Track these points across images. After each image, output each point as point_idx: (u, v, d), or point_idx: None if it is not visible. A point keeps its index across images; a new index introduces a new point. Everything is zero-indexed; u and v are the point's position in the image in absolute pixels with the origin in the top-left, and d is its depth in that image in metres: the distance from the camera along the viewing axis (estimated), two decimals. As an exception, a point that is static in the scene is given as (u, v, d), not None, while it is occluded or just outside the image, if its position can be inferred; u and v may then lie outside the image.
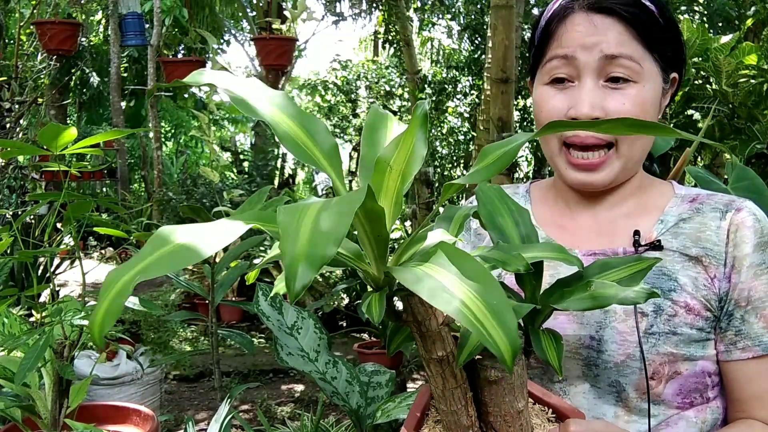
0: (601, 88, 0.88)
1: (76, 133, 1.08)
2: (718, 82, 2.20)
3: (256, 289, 1.78)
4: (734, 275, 0.88)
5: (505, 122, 3.40)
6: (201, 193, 5.87)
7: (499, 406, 0.71)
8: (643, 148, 0.92)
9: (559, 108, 0.90)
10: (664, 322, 0.87)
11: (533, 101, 0.96)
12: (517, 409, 0.71)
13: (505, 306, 0.47)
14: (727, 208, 0.91)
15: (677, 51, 0.94)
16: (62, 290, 3.91)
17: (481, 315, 0.46)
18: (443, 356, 0.67)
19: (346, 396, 1.64)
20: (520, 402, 0.71)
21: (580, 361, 0.90)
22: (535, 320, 0.73)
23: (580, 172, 0.90)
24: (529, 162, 9.12)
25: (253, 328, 5.12)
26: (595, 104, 0.87)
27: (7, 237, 1.17)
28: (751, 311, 0.88)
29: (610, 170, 0.90)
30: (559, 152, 0.91)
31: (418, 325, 0.65)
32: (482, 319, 0.46)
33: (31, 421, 1.26)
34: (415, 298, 0.63)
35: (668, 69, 0.93)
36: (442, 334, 0.66)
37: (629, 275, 0.71)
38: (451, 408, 0.70)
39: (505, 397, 0.71)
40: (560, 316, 0.92)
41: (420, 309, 0.64)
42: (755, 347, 0.88)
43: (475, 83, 7.54)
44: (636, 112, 0.87)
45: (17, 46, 3.91)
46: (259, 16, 6.98)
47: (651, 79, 0.89)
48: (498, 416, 0.72)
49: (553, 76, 0.90)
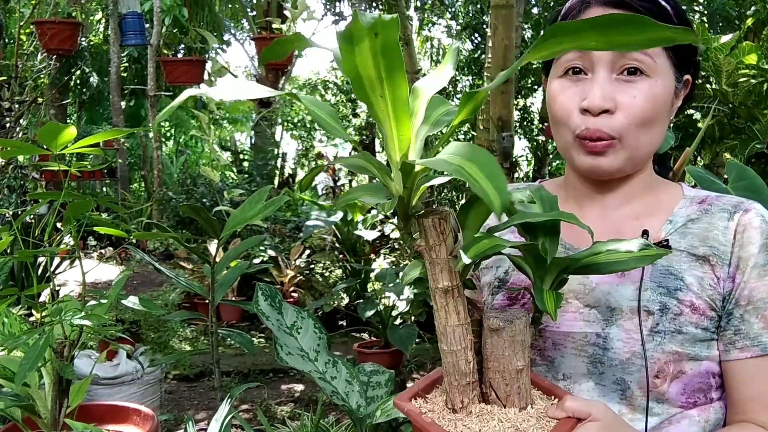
0: (614, 81, 0.89)
1: (75, 132, 1.08)
2: (718, 81, 2.20)
3: (256, 289, 1.78)
4: (738, 275, 0.89)
5: (505, 122, 3.40)
6: (201, 193, 5.88)
7: (499, 360, 0.74)
8: (650, 142, 0.92)
9: (572, 99, 0.91)
10: (670, 320, 0.88)
11: (547, 94, 0.96)
12: (516, 368, 0.74)
13: (497, 170, 0.57)
14: (735, 209, 0.92)
15: (691, 52, 0.94)
16: (62, 290, 3.91)
17: (476, 174, 0.57)
18: (448, 287, 0.72)
19: (345, 395, 1.64)
20: (519, 360, 0.74)
21: (585, 359, 0.91)
22: (544, 280, 0.75)
23: (589, 156, 0.91)
24: (529, 161, 9.14)
25: (253, 327, 5.12)
26: (607, 96, 0.87)
27: (7, 236, 1.17)
28: (751, 311, 0.88)
29: (615, 157, 0.90)
30: (574, 142, 0.92)
31: (429, 250, 0.72)
32: (476, 176, 0.57)
33: (31, 421, 1.26)
34: (428, 220, 0.71)
35: (681, 69, 0.93)
36: (450, 265, 0.71)
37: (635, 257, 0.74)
38: (450, 347, 0.73)
39: (505, 350, 0.74)
40: (567, 313, 0.93)
41: (432, 233, 0.71)
42: (754, 347, 0.88)
43: (475, 83, 7.55)
44: (647, 106, 0.88)
45: (17, 46, 3.91)
46: (259, 15, 6.98)
47: (663, 75, 0.90)
48: (497, 372, 0.74)
49: (568, 67, 0.91)
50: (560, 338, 0.93)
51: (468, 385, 0.74)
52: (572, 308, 0.93)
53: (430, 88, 0.73)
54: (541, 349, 0.94)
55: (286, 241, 5.32)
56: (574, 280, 0.93)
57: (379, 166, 0.71)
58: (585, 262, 0.75)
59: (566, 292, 0.94)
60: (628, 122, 0.88)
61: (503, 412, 0.74)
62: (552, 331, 0.93)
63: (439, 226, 0.71)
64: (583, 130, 0.89)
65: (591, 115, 0.88)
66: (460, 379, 0.74)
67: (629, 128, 0.88)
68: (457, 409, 0.74)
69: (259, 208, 1.98)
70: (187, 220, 5.54)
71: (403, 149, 0.69)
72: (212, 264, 2.17)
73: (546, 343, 0.94)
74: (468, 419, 0.73)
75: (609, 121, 0.88)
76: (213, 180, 3.32)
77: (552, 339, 0.93)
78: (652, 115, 0.89)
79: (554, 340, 0.93)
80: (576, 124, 0.90)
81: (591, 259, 0.75)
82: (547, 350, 0.94)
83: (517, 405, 0.75)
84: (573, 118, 0.90)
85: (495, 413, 0.73)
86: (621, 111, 0.88)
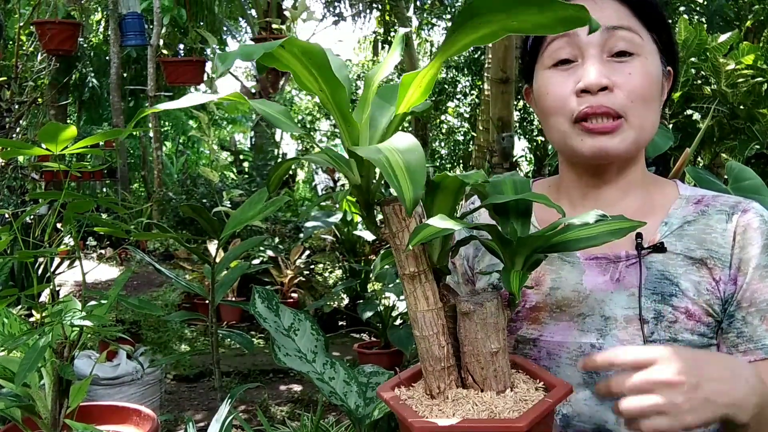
0: (606, 62, 0.87)
1: (76, 132, 1.08)
2: (717, 82, 2.20)
3: (253, 292, 1.78)
4: (740, 277, 0.87)
5: (505, 122, 3.40)
6: (201, 193, 5.88)
7: (473, 343, 0.73)
8: (651, 122, 0.90)
9: (566, 86, 0.88)
10: (665, 329, 0.86)
11: (536, 89, 0.93)
12: (490, 350, 0.73)
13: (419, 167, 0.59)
14: (733, 210, 0.90)
15: (670, 43, 0.93)
16: (62, 290, 3.91)
17: (397, 168, 0.59)
18: (414, 272, 0.72)
19: (343, 396, 1.65)
20: (493, 343, 0.73)
21: (580, 369, 0.90)
22: (515, 262, 0.75)
23: (597, 137, 0.87)
24: (529, 161, 9.13)
25: (253, 328, 5.12)
26: (603, 73, 0.85)
27: (7, 236, 1.17)
28: (754, 313, 0.86)
29: (624, 138, 0.87)
30: (572, 128, 0.89)
31: (393, 237, 0.72)
32: (397, 170, 0.59)
33: (31, 421, 1.26)
34: (389, 207, 0.72)
35: (665, 56, 0.92)
36: (415, 251, 0.72)
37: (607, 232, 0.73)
38: (422, 333, 0.73)
39: (477, 333, 0.73)
40: (561, 322, 0.91)
41: (394, 220, 0.72)
42: (758, 350, 0.86)
43: (475, 83, 7.55)
44: (643, 82, 0.86)
45: (17, 46, 3.90)
46: (259, 16, 6.98)
47: (652, 54, 0.89)
48: (472, 356, 0.74)
49: (557, 58, 0.89)
50: (555, 348, 0.91)
51: (443, 370, 0.74)
52: (566, 317, 0.91)
53: (379, 77, 0.74)
54: (536, 358, 0.92)
55: (286, 241, 5.32)
56: (568, 287, 0.91)
57: (339, 159, 0.72)
58: (555, 241, 0.74)
59: (560, 300, 0.92)
60: (629, 99, 0.86)
61: (479, 396, 0.73)
62: (547, 341, 0.92)
63: (400, 213, 0.72)
64: (585, 108, 0.86)
65: (590, 95, 0.86)
66: (434, 364, 0.74)
67: (632, 106, 0.86)
68: (434, 395, 0.74)
69: (259, 208, 1.98)
70: (187, 220, 5.55)
71: (353, 139, 0.70)
72: (212, 264, 2.17)
73: (541, 353, 0.92)
74: (444, 404, 0.72)
75: (610, 98, 0.85)
76: (213, 180, 3.32)
77: (547, 349, 0.92)
78: (649, 92, 0.87)
79: (549, 350, 0.91)
80: (573, 107, 0.87)
81: (561, 237, 0.73)
82: (542, 360, 0.92)
83: (494, 388, 0.74)
84: (570, 103, 0.87)
85: (471, 397, 0.73)
86: (619, 88, 0.86)
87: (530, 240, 0.74)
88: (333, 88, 0.66)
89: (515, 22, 0.58)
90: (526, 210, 0.76)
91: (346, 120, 0.69)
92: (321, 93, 0.68)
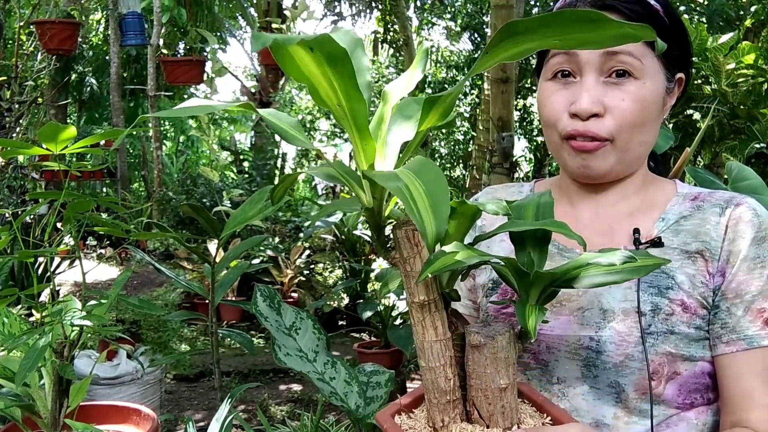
0: (602, 84, 0.89)
1: (75, 132, 1.08)
2: (718, 81, 2.20)
3: (254, 290, 1.78)
4: (728, 269, 0.88)
5: (505, 122, 3.40)
6: (201, 193, 5.87)
7: (481, 378, 0.70)
8: (640, 143, 0.91)
9: (561, 103, 0.91)
10: (662, 321, 0.87)
11: (537, 98, 0.96)
12: (498, 386, 0.70)
13: (443, 198, 0.54)
14: (728, 204, 0.91)
15: (683, 51, 0.94)
16: (62, 290, 3.91)
17: (419, 199, 0.55)
18: (424, 301, 0.68)
19: (344, 396, 1.64)
20: (502, 378, 0.70)
21: (579, 362, 0.90)
22: (530, 294, 0.71)
23: (578, 156, 0.91)
24: (529, 161, 9.13)
25: (253, 327, 5.12)
26: (595, 100, 0.88)
27: (7, 236, 1.17)
28: (739, 304, 0.87)
29: (605, 159, 0.90)
30: (562, 144, 0.92)
31: (403, 263, 0.69)
32: (419, 202, 0.54)
33: (31, 421, 1.26)
34: (401, 232, 0.68)
35: (673, 68, 0.93)
36: (427, 280, 0.67)
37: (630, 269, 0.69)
38: (429, 364, 0.70)
39: (486, 368, 0.70)
40: (561, 316, 0.92)
41: (406, 245, 0.68)
42: (740, 341, 0.86)
43: (475, 83, 7.54)
44: (634, 108, 0.88)
45: (17, 46, 3.91)
46: (259, 15, 6.98)
47: (652, 76, 0.89)
48: (480, 390, 0.70)
49: (556, 70, 0.91)
50: (554, 342, 0.92)
51: (449, 404, 0.71)
52: (566, 311, 0.92)
53: (399, 92, 0.71)
54: (535, 352, 0.93)
55: (286, 241, 5.32)
56: None
57: (350, 176, 0.68)
58: (574, 275, 0.70)
59: (560, 295, 0.91)
60: (617, 125, 0.88)
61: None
62: (546, 335, 0.92)
63: (413, 238, 0.68)
64: (571, 130, 0.89)
65: (580, 120, 0.88)
66: (440, 397, 0.70)
67: (619, 131, 0.88)
68: (437, 428, 0.71)
69: (260, 208, 1.98)
70: (187, 220, 5.54)
71: (369, 159, 0.66)
72: (212, 264, 2.17)
73: (540, 347, 0.93)
74: None
75: (598, 124, 0.88)
76: (213, 180, 3.32)
77: (546, 342, 0.93)
78: (641, 117, 0.88)
79: (548, 344, 0.92)
80: (564, 125, 0.90)
81: (583, 273, 0.69)
82: (541, 354, 0.93)
83: (501, 425, 0.70)
84: (562, 121, 0.90)
85: None
86: (610, 114, 0.88)
87: (548, 275, 0.70)
88: (353, 102, 0.61)
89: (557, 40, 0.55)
90: (544, 237, 0.73)
91: (362, 137, 0.64)
92: (338, 108, 0.62)
